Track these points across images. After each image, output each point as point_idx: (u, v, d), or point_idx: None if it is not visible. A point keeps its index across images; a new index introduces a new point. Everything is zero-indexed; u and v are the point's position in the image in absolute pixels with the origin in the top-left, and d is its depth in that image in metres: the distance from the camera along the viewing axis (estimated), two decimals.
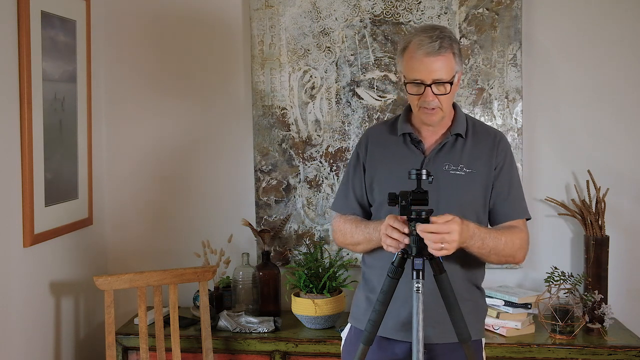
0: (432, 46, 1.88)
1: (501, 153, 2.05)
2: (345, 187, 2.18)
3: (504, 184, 2.04)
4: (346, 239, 2.11)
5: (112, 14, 3.16)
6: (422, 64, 1.90)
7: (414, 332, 1.74)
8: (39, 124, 2.60)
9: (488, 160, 2.03)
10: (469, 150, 2.03)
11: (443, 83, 1.91)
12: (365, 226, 2.03)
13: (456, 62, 1.93)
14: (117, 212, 3.22)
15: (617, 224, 2.91)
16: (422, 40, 1.90)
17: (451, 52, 1.92)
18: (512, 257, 2.01)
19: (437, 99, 1.92)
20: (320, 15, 3.01)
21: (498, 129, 2.17)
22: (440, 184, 1.97)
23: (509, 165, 2.06)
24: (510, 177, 2.06)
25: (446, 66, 1.91)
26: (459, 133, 2.03)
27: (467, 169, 2.00)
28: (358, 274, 3.01)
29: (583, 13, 2.91)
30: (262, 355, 2.74)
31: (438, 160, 2.01)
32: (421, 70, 1.90)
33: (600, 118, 2.93)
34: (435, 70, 1.90)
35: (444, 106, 1.95)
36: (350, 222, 2.10)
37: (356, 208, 2.14)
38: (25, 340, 2.57)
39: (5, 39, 2.43)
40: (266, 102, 3.06)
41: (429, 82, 1.90)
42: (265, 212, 3.10)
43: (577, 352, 2.58)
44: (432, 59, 1.89)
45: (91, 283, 2.78)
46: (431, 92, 1.91)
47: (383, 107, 2.99)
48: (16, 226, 2.51)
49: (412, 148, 2.05)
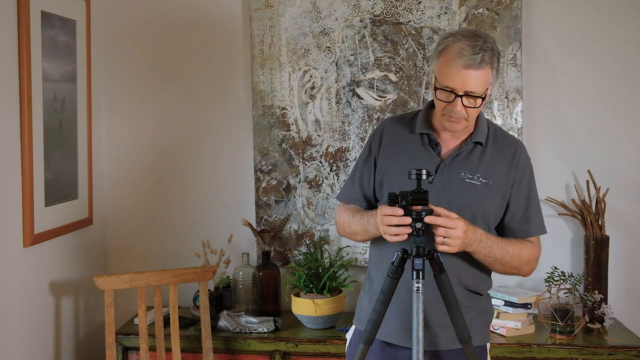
0: (474, 59, 1.78)
1: (520, 167, 1.98)
2: (352, 177, 2.13)
3: (521, 201, 1.99)
4: (344, 228, 2.08)
5: (112, 14, 3.16)
6: (458, 74, 1.80)
7: (414, 332, 1.74)
8: (39, 124, 2.60)
9: (506, 173, 1.97)
10: (488, 160, 1.96)
11: (475, 97, 1.83)
12: (361, 216, 1.99)
13: (493, 75, 1.84)
14: (117, 212, 3.22)
15: (617, 224, 2.91)
16: (464, 49, 1.79)
17: (490, 67, 1.82)
18: (518, 270, 1.98)
19: (465, 110, 1.84)
20: (320, 15, 3.01)
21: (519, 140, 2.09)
22: (453, 192, 1.93)
23: (528, 181, 2.00)
24: (528, 192, 2.00)
25: (483, 81, 1.81)
26: (479, 141, 1.96)
27: (484, 179, 1.94)
28: (358, 274, 3.03)
29: (583, 13, 2.91)
30: (262, 355, 2.74)
31: (454, 166, 1.95)
32: (456, 80, 1.81)
33: (600, 118, 2.93)
34: (472, 83, 1.80)
35: (470, 117, 1.87)
36: (349, 212, 2.06)
37: (360, 199, 2.09)
38: (25, 340, 2.57)
39: (5, 39, 2.43)
40: (266, 102, 3.06)
41: (461, 92, 1.81)
42: (265, 212, 3.10)
43: (577, 352, 2.58)
44: (470, 72, 1.79)
45: (91, 283, 2.78)
46: (461, 103, 1.82)
47: (383, 107, 2.99)
48: (16, 226, 2.51)
49: (429, 149, 1.98)
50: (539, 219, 2.02)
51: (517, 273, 2.00)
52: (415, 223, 1.76)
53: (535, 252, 1.99)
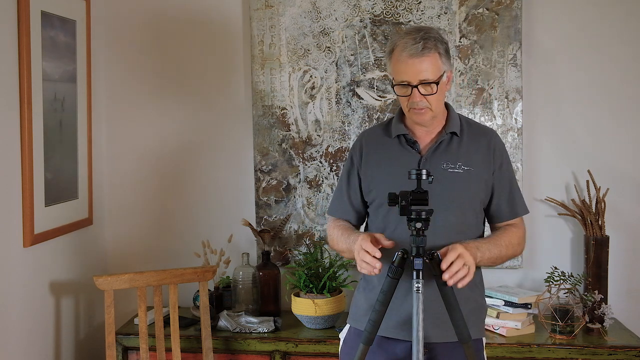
0: (416, 47, 1.91)
1: (498, 152, 2.07)
2: (339, 192, 2.19)
3: (504, 185, 2.07)
4: (334, 244, 2.15)
5: (112, 14, 3.16)
6: (407, 66, 1.93)
7: (414, 332, 1.74)
8: (39, 124, 2.60)
9: (485, 160, 2.04)
10: (465, 148, 2.04)
11: (429, 83, 1.93)
12: (348, 236, 2.05)
13: (443, 62, 1.95)
14: (117, 212, 3.22)
15: (617, 224, 2.91)
16: (407, 43, 1.92)
17: (436, 52, 1.93)
18: (513, 255, 2.10)
19: (425, 99, 1.94)
20: (320, 15, 3.01)
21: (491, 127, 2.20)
22: (438, 183, 1.96)
23: (507, 164, 2.10)
24: (509, 176, 2.10)
25: (432, 66, 1.92)
26: (454, 131, 2.04)
27: (465, 166, 2.02)
28: (358, 274, 3.01)
29: (583, 13, 2.91)
30: (262, 355, 2.74)
31: (435, 159, 2.02)
32: (407, 72, 1.93)
33: (600, 118, 2.93)
34: (421, 71, 1.92)
35: (433, 106, 1.97)
36: (338, 229, 2.12)
37: (350, 212, 2.16)
38: (25, 340, 2.57)
39: (5, 39, 2.43)
40: (266, 102, 3.06)
41: (416, 83, 1.93)
42: (265, 212, 3.10)
43: (577, 352, 2.58)
44: (416, 60, 1.91)
45: (91, 283, 2.77)
46: (418, 93, 1.93)
47: (383, 107, 2.99)
48: (16, 226, 2.51)
49: (407, 148, 2.05)
50: (521, 200, 2.12)
51: (513, 256, 2.12)
52: (415, 223, 1.77)
53: (521, 232, 2.11)
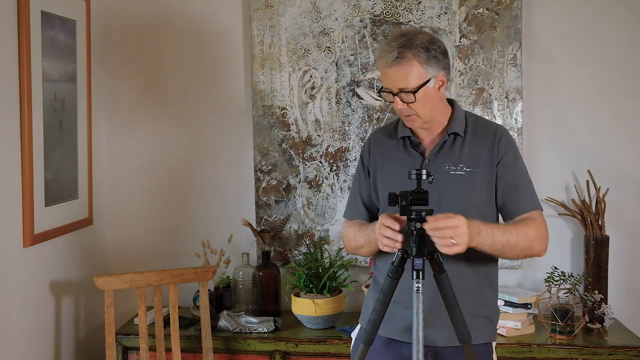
0: (390, 57, 1.88)
1: (503, 148, 2.00)
2: (353, 193, 2.19)
3: (510, 179, 1.99)
4: (351, 243, 2.12)
5: (112, 14, 3.16)
6: (385, 74, 1.92)
7: (414, 332, 1.74)
8: (39, 124, 2.60)
9: (489, 157, 1.99)
10: (468, 148, 2.00)
11: (407, 92, 1.89)
12: (366, 228, 2.04)
13: (425, 68, 1.89)
14: (117, 212, 3.22)
15: (617, 224, 2.91)
16: (383, 51, 1.91)
17: (415, 60, 1.88)
18: (530, 249, 1.94)
19: (409, 107, 1.92)
20: (320, 15, 3.01)
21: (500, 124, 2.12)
22: (441, 186, 1.95)
23: (514, 159, 2.01)
24: (516, 170, 2.00)
25: (409, 75, 1.88)
26: (456, 132, 2.01)
27: (468, 168, 1.98)
28: (358, 274, 3.03)
29: (583, 13, 2.91)
30: (262, 355, 2.74)
31: (437, 161, 2.00)
32: (386, 80, 1.93)
33: (600, 118, 2.92)
34: (397, 80, 1.89)
35: (420, 113, 1.93)
36: (354, 226, 2.11)
37: (364, 213, 2.14)
38: (25, 340, 2.57)
39: (5, 39, 2.43)
40: (266, 102, 3.06)
41: (395, 91, 1.91)
42: (265, 212, 3.10)
43: (577, 352, 2.58)
44: (392, 70, 1.89)
45: (91, 283, 2.77)
46: (399, 101, 1.92)
47: (383, 107, 2.99)
48: (16, 226, 2.51)
49: (411, 151, 2.04)
50: (531, 195, 2.00)
51: (531, 253, 1.96)
52: (415, 223, 1.77)
53: (540, 226, 1.96)
